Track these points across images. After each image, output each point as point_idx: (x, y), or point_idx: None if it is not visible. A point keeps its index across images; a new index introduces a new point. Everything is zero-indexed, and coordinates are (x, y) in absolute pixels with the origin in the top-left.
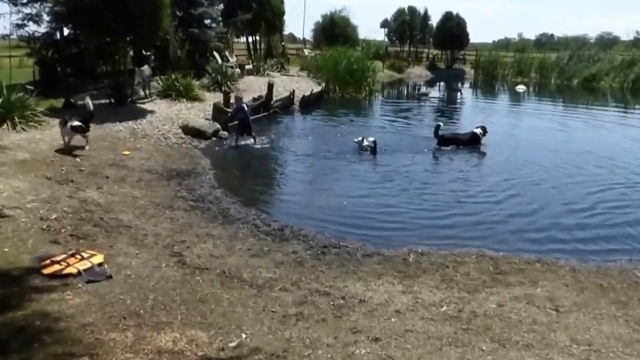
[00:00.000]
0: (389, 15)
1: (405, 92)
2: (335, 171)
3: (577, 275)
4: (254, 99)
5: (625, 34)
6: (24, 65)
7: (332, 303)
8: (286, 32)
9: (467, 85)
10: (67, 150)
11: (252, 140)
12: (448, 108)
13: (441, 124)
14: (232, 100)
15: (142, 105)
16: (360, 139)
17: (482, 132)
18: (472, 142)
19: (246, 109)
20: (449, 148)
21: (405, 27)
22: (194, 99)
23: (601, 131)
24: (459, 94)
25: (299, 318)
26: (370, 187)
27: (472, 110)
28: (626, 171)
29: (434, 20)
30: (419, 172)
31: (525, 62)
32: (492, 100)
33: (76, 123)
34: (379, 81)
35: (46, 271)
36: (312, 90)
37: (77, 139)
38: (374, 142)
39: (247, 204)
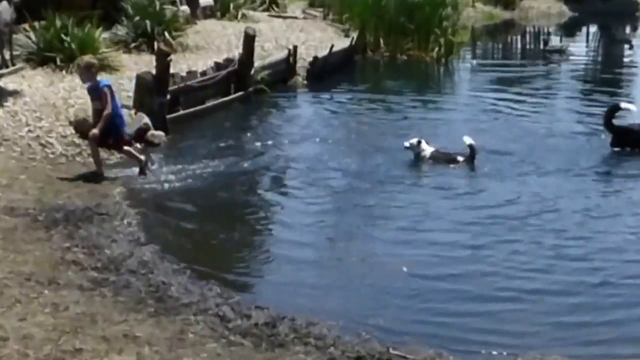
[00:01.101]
0: None
1: (520, 47)
2: (380, 209)
3: None
4: (217, 66)
5: None
6: None
7: None
8: None
9: None
10: None
11: (137, 168)
12: (607, 75)
13: (624, 104)
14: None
15: None
16: (414, 141)
17: None
18: None
19: (106, 91)
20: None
21: None
22: (100, 66)
23: None
24: (626, 48)
25: None
26: (450, 241)
27: None
28: None
29: None
30: (561, 210)
31: None
32: None
33: None
34: (467, 26)
35: None
36: (331, 46)
37: None
38: (472, 145)
39: (203, 276)
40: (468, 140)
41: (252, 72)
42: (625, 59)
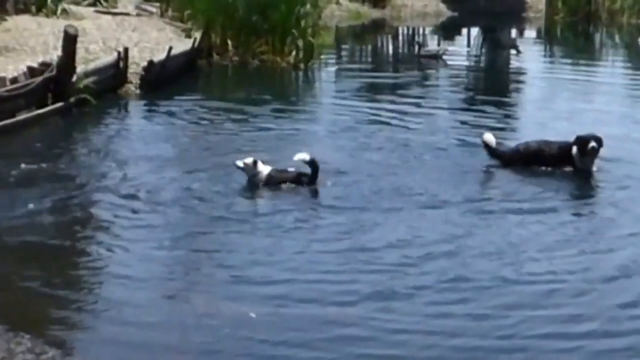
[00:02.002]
0: None
1: (391, 50)
2: (221, 251)
3: None
4: (30, 71)
5: None
6: None
7: None
8: None
9: (530, 33)
10: None
11: None
12: (490, 84)
13: (486, 136)
14: None
15: None
16: (249, 161)
17: (585, 144)
18: (561, 161)
19: None
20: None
21: None
22: None
23: None
24: (512, 53)
25: None
26: (307, 294)
27: (547, 91)
28: None
29: None
30: (447, 253)
31: None
32: (589, 66)
33: None
34: (330, 26)
35: None
36: (169, 49)
37: None
38: (312, 162)
39: (10, 328)
40: (305, 157)
41: (74, 78)
42: (511, 66)
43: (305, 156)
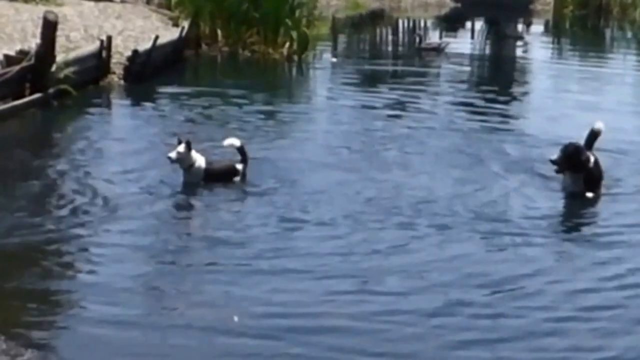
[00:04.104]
0: None
1: (391, 43)
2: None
3: None
4: (7, 59)
5: None
6: None
7: None
8: None
9: (538, 26)
10: None
11: None
12: (496, 80)
13: (598, 127)
14: None
15: None
16: (182, 149)
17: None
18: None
19: None
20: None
21: None
22: None
23: None
24: (518, 46)
25: None
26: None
27: (555, 85)
28: None
29: None
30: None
31: None
32: (599, 61)
33: None
34: (326, 17)
35: None
36: (155, 38)
37: None
38: (242, 148)
39: None
40: (235, 142)
41: (54, 68)
42: (518, 60)
43: (236, 142)
